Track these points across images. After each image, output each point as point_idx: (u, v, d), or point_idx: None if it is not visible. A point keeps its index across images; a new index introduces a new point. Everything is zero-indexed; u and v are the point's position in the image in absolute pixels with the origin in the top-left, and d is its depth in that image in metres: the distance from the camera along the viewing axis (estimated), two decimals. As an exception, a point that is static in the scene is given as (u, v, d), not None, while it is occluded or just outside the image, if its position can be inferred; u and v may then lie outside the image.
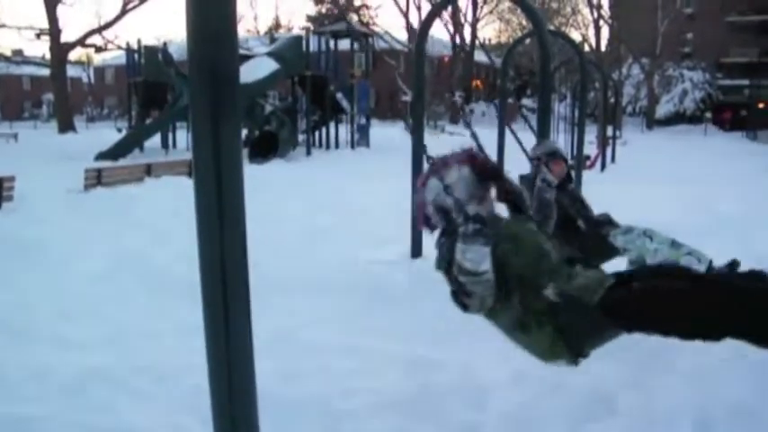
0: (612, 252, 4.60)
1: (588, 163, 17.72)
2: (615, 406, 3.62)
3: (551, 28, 29.40)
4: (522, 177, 4.79)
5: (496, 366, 4.18)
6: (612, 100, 28.01)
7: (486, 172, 3.05)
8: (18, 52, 61.95)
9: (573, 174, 12.96)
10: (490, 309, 2.80)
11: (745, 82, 51.44)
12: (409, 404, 3.66)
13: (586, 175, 12.56)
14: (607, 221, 4.82)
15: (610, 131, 22.22)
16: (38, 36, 36.09)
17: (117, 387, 3.83)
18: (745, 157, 24.59)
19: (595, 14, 54.54)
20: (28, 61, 53.54)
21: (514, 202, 3.16)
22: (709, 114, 49.99)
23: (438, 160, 3.15)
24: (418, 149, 6.80)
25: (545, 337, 2.68)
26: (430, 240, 6.66)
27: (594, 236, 4.61)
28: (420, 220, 3.24)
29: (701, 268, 4.06)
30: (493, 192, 3.09)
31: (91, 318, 5.22)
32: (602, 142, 20.69)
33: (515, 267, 2.74)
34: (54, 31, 33.60)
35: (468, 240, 2.68)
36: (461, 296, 2.78)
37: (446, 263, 2.93)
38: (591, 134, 20.06)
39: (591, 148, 19.36)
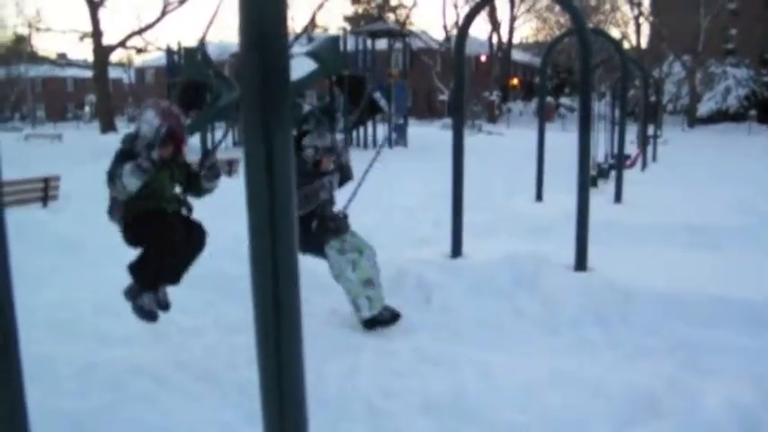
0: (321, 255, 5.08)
1: (629, 162, 17.45)
2: (658, 409, 3.55)
3: (590, 25, 29.05)
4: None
5: (537, 367, 4.14)
6: (653, 98, 27.59)
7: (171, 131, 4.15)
8: (62, 55, 63.28)
9: (613, 173, 12.86)
10: None
11: (791, 78, 50.25)
12: (455, 406, 3.64)
13: (627, 175, 12.39)
14: (339, 227, 5.18)
15: (650, 130, 21.89)
16: (81, 39, 36.86)
17: (160, 383, 3.87)
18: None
19: (635, 11, 53.88)
20: (71, 63, 54.67)
21: None
22: (753, 112, 48.90)
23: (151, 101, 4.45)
24: (459, 149, 6.78)
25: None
26: (470, 241, 6.65)
27: (318, 237, 5.01)
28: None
29: (361, 314, 4.95)
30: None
31: (134, 315, 5.28)
32: (643, 141, 20.38)
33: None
34: (96, 33, 34.25)
35: (136, 171, 3.93)
36: (110, 182, 4.15)
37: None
38: (631, 133, 19.76)
39: (631, 148, 19.08)
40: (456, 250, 6.56)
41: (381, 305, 4.94)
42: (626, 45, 47.73)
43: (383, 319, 4.92)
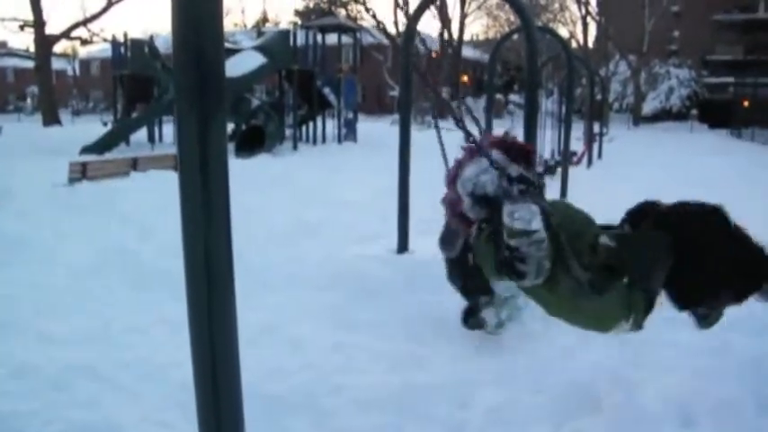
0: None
1: (575, 159, 17.76)
2: (599, 403, 3.63)
3: (539, 24, 29.45)
4: None
5: (480, 363, 4.20)
6: (599, 96, 28.11)
7: (515, 151, 3.14)
8: (2, 44, 61.49)
9: (560, 169, 13.07)
10: (548, 277, 2.61)
11: (731, 79, 51.79)
12: (395, 401, 3.66)
13: (573, 172, 12.61)
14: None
15: (596, 128, 22.29)
16: (22, 28, 35.77)
17: (102, 383, 3.81)
18: (731, 154, 24.78)
19: (583, 11, 54.82)
20: (12, 53, 53.14)
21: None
22: (694, 111, 50.30)
23: (467, 150, 3.19)
24: (405, 144, 6.81)
25: (615, 294, 2.58)
26: (416, 237, 6.67)
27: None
28: (453, 218, 3.16)
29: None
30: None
31: (75, 313, 5.18)
32: (589, 138, 20.75)
33: (569, 233, 2.63)
34: (39, 22, 33.33)
35: (516, 200, 2.59)
36: (516, 263, 2.57)
37: (493, 243, 2.74)
38: (578, 130, 20.10)
39: (578, 145, 19.41)
40: (402, 246, 6.60)
41: None
42: (573, 44, 48.59)
43: None
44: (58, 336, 4.61)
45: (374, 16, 46.99)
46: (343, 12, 52.15)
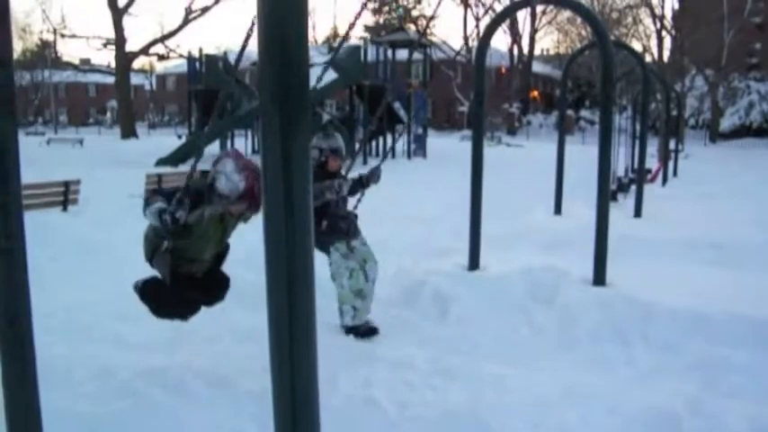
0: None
1: (650, 177, 17.34)
2: (678, 430, 3.49)
3: (612, 38, 28.87)
4: None
5: (554, 381, 4.10)
6: (675, 112, 27.38)
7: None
8: (85, 61, 64.06)
9: (633, 187, 12.78)
10: None
11: (815, 94, 49.74)
12: (467, 419, 3.60)
13: (648, 190, 12.29)
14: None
15: (672, 145, 21.72)
16: (104, 45, 37.26)
17: (173, 389, 3.87)
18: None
19: (658, 25, 53.58)
20: (94, 69, 55.33)
21: None
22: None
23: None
24: (478, 161, 6.75)
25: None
26: (488, 253, 6.61)
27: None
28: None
29: None
30: None
31: (150, 320, 5.29)
32: (664, 156, 20.22)
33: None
34: (119, 40, 34.62)
35: (157, 219, 3.66)
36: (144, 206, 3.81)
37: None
38: (652, 147, 19.63)
39: (652, 162, 18.95)
40: (473, 262, 6.52)
41: (365, 318, 5.13)
42: (648, 58, 47.49)
43: (361, 331, 5.07)
44: (134, 341, 4.73)
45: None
46: (413, 27, 52.42)
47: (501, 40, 56.19)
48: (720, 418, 3.54)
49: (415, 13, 60.64)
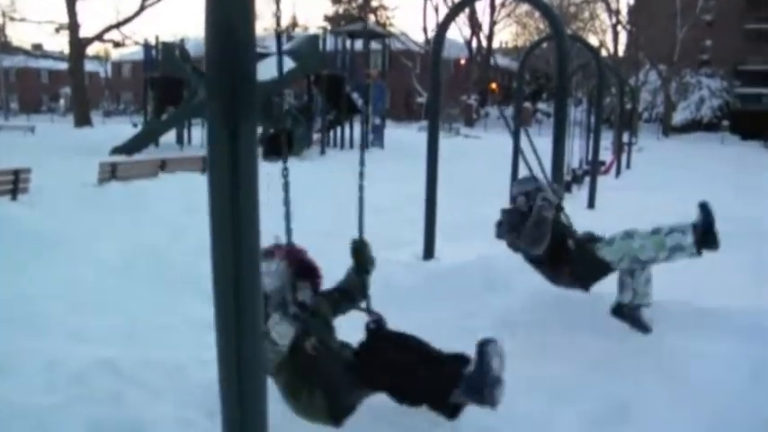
0: (605, 268, 4.61)
1: (603, 169, 17.64)
2: (629, 416, 3.59)
3: (569, 32, 29.24)
4: (504, 211, 4.87)
5: (509, 370, 4.16)
6: (629, 106, 27.87)
7: (302, 270, 3.59)
8: (37, 46, 62.49)
9: (587, 179, 12.99)
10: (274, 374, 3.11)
11: (764, 90, 51.07)
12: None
13: (601, 181, 12.51)
14: (590, 238, 4.82)
15: (625, 137, 22.11)
16: (57, 30, 36.45)
17: (126, 380, 3.84)
18: (763, 166, 24.43)
19: (613, 20, 54.42)
20: (47, 55, 54.00)
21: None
22: (726, 122, 49.63)
23: (265, 249, 3.44)
24: (434, 151, 6.80)
25: (306, 396, 3.07)
26: (442, 243, 6.65)
27: (584, 253, 4.62)
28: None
29: (688, 239, 4.44)
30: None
31: (103, 311, 5.24)
32: (618, 148, 20.58)
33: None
34: (73, 25, 33.86)
35: (284, 318, 3.08)
36: None
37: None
38: (606, 140, 19.95)
39: (606, 154, 19.27)
40: (428, 252, 6.58)
41: None
42: (603, 53, 48.17)
43: None
44: (86, 332, 4.68)
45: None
46: (372, 18, 52.34)
47: (461, 32, 56.39)
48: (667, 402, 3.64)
49: (375, 3, 60.52)
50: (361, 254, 4.20)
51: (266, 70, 20.59)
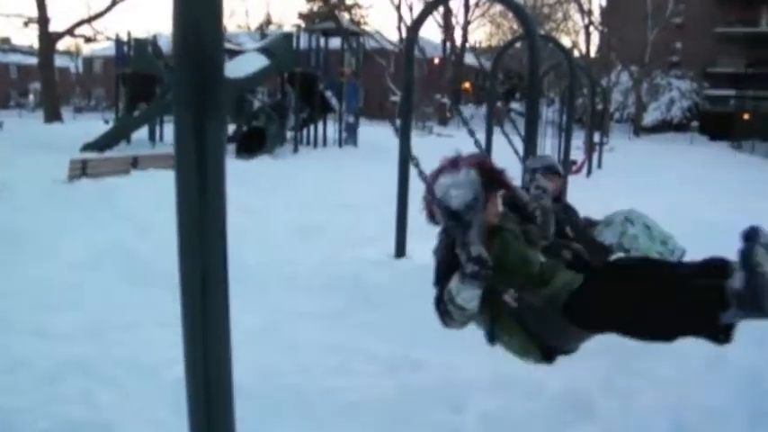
0: (604, 252, 4.64)
1: (575, 168, 17.80)
2: (592, 410, 3.64)
3: (542, 32, 29.49)
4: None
5: (476, 368, 4.19)
6: (600, 106, 28.15)
7: (493, 178, 3.13)
8: (5, 40, 61.54)
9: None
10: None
11: (732, 92, 51.90)
12: (388, 404, 3.66)
13: (572, 180, 12.60)
14: (589, 223, 4.87)
15: (597, 137, 22.33)
16: (26, 24, 35.85)
17: (94, 379, 3.80)
18: (731, 166, 24.84)
19: (586, 21, 54.92)
20: (15, 49, 53.20)
21: (519, 211, 3.32)
22: (695, 123, 50.42)
23: (448, 160, 3.19)
24: (405, 151, 6.81)
25: (516, 341, 2.93)
26: (413, 241, 6.68)
27: (583, 239, 4.65)
28: (427, 213, 3.31)
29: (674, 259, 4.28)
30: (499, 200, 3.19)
31: (71, 308, 5.18)
32: (589, 148, 20.78)
33: (496, 280, 2.85)
34: (43, 19, 33.35)
35: (466, 281, 2.76)
36: (444, 315, 2.92)
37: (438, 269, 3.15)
38: (578, 139, 20.14)
39: (578, 154, 19.44)
40: (400, 250, 6.60)
41: None
42: (576, 53, 48.61)
43: None
44: (53, 331, 4.61)
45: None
46: (346, 16, 52.25)
47: (435, 32, 56.46)
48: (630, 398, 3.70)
49: (349, 1, 60.42)
50: None
51: (239, 67, 20.51)
